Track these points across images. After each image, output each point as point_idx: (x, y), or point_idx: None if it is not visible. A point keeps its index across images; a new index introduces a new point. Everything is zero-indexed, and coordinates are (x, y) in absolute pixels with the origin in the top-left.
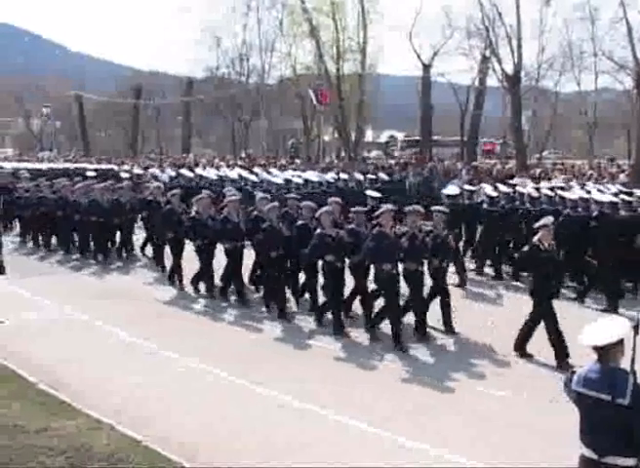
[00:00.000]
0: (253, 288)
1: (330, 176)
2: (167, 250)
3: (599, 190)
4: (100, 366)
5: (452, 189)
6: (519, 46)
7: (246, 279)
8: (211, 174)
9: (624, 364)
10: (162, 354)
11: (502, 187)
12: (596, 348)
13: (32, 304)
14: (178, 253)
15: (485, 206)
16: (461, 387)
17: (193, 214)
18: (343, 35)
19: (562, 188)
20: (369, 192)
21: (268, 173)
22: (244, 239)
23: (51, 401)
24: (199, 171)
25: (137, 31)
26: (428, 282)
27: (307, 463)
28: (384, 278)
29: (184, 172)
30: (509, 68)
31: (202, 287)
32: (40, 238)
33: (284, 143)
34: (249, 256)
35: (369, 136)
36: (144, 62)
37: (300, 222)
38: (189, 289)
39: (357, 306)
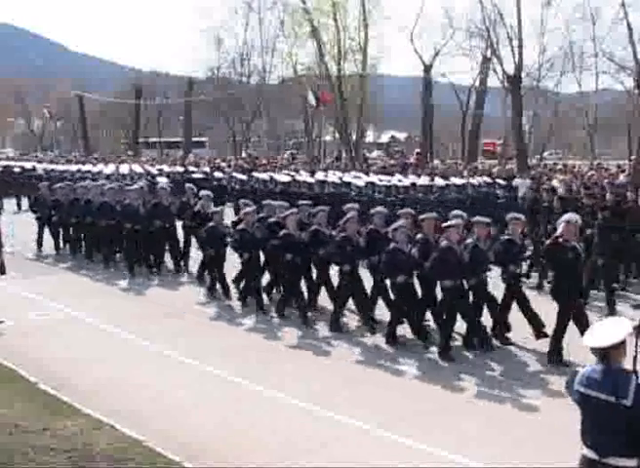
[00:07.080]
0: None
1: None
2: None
3: None
4: (102, 366)
5: None
6: (520, 46)
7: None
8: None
9: (626, 364)
10: (164, 354)
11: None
12: (599, 349)
13: (34, 304)
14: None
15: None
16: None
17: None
18: (344, 35)
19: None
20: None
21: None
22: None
23: (52, 401)
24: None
25: (137, 31)
26: None
27: (312, 464)
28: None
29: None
30: (510, 69)
31: None
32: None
33: (285, 144)
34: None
35: (370, 136)
36: (145, 63)
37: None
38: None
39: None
